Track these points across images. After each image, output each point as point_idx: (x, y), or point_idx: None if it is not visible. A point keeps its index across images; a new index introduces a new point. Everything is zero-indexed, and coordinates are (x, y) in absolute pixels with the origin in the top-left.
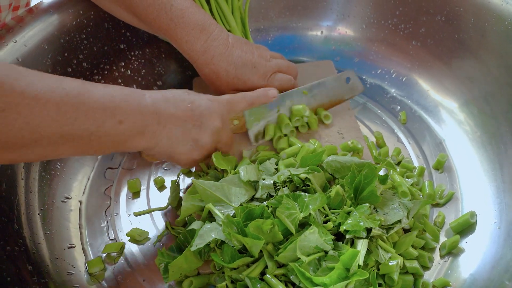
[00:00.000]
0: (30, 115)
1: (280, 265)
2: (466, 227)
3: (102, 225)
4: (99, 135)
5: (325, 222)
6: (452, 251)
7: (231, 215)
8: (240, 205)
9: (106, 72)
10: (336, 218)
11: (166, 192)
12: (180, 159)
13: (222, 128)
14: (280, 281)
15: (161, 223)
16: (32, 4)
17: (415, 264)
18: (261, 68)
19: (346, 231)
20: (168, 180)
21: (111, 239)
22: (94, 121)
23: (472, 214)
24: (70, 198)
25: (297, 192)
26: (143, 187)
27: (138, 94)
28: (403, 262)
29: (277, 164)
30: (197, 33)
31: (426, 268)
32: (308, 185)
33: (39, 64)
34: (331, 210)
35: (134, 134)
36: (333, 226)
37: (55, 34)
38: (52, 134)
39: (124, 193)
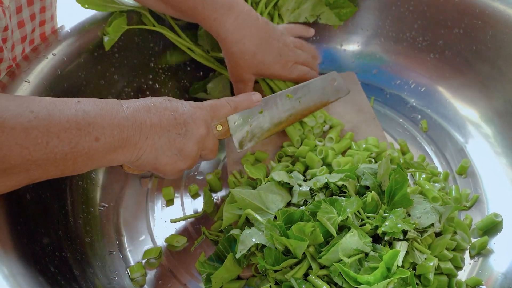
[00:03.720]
0: None
1: (321, 267)
2: (491, 227)
3: (139, 232)
4: (74, 155)
5: (362, 225)
6: (481, 252)
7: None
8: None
9: (135, 84)
10: (372, 221)
11: (199, 199)
12: (165, 170)
13: (207, 135)
14: (323, 281)
15: (196, 229)
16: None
17: (449, 265)
18: (285, 57)
19: (384, 233)
20: (200, 187)
21: (149, 246)
22: (68, 142)
23: (496, 214)
24: (106, 206)
25: (334, 197)
26: (177, 195)
27: (115, 105)
28: (438, 263)
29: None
30: (226, 11)
31: (458, 268)
32: (344, 192)
33: (75, 76)
34: (366, 214)
35: (113, 148)
36: (370, 229)
37: (90, 48)
38: (23, 161)
39: (158, 201)
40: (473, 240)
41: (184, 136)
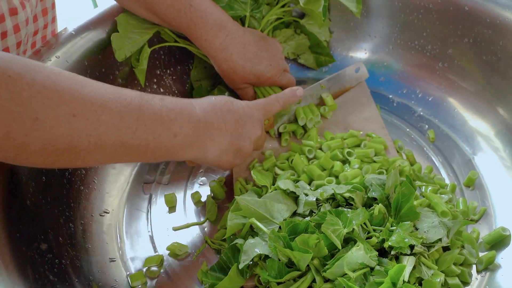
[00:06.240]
0: (97, 121)
1: (326, 280)
2: (499, 241)
3: (140, 239)
4: (155, 146)
5: (368, 238)
6: (488, 267)
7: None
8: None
9: (139, 88)
10: (379, 234)
11: (202, 207)
12: (224, 166)
13: (261, 134)
14: None
15: (199, 237)
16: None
17: (456, 280)
18: (275, 66)
19: (391, 248)
20: (203, 194)
21: (150, 253)
22: (152, 133)
23: (504, 228)
24: (108, 212)
25: (340, 208)
26: (179, 202)
27: (189, 106)
28: (445, 278)
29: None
30: (215, 32)
31: (465, 283)
32: (351, 204)
33: None
34: (373, 227)
35: (186, 146)
36: (377, 242)
37: (94, 51)
38: (114, 142)
39: (160, 207)
40: (480, 254)
41: (244, 137)
